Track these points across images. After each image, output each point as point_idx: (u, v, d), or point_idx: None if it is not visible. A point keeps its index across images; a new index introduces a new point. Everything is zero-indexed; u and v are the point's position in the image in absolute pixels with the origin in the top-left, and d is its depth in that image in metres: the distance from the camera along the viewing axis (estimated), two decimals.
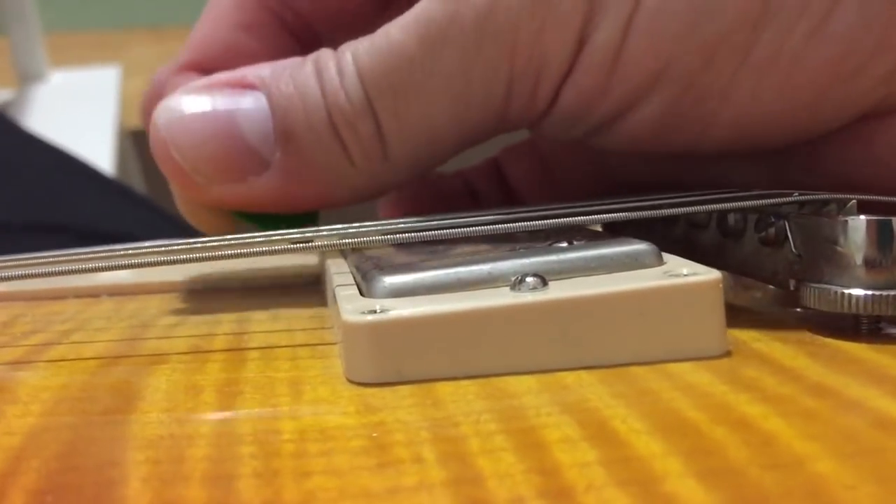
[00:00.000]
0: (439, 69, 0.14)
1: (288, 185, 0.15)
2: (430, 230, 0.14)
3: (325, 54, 0.15)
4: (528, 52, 0.14)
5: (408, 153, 0.15)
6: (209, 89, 0.16)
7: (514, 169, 0.22)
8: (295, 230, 0.15)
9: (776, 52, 0.14)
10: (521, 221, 0.13)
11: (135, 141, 0.77)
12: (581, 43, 0.14)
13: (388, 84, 0.14)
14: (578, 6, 0.14)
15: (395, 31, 0.14)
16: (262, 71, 0.16)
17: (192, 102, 0.16)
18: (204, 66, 0.18)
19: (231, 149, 0.15)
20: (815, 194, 0.13)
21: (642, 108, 0.15)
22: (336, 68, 0.15)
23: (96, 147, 0.64)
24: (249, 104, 0.15)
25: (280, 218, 0.16)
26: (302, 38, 0.19)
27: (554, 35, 0.14)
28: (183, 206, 0.17)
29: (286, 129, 0.15)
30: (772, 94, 0.14)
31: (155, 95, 0.18)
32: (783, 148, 0.16)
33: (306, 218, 0.17)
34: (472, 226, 0.14)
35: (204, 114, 0.15)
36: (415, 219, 0.15)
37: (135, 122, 0.79)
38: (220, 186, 0.16)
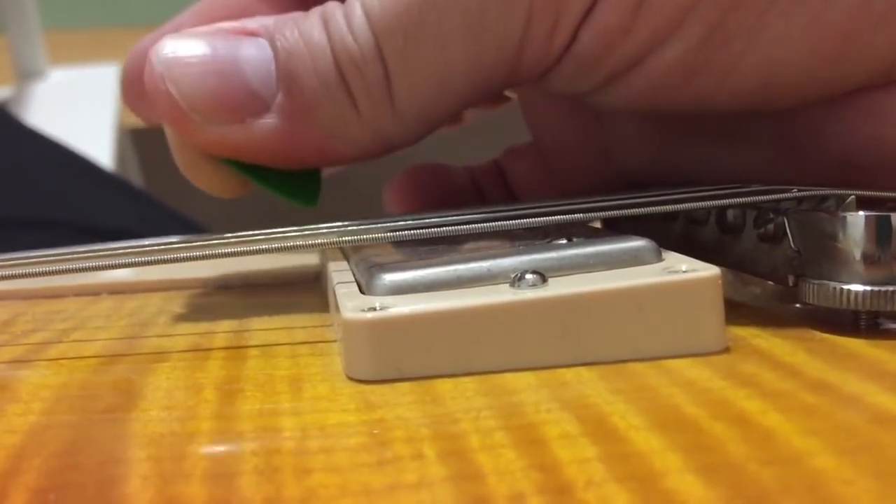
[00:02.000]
0: (452, 8, 0.14)
1: (288, 131, 0.15)
2: (430, 227, 0.14)
3: (331, 5, 0.15)
4: None
5: (416, 102, 0.15)
6: (211, 34, 0.15)
7: (515, 170, 0.22)
8: (294, 228, 0.15)
9: None
10: (520, 218, 0.13)
11: (134, 139, 0.77)
12: None
13: (399, 25, 0.14)
14: None
15: None
16: (264, 20, 0.15)
17: (193, 43, 0.15)
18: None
19: (231, 87, 0.15)
20: (814, 190, 0.13)
21: (664, 51, 0.14)
22: (343, 15, 0.14)
23: (95, 145, 0.63)
24: (251, 49, 0.15)
25: (279, 173, 0.16)
26: (311, 3, 0.18)
27: None
28: (178, 154, 0.16)
29: (289, 72, 0.15)
30: (799, 36, 0.14)
31: (137, 63, 0.17)
32: (781, 119, 0.15)
33: (305, 179, 0.16)
34: (471, 223, 0.14)
35: (204, 53, 0.15)
36: (414, 216, 0.15)
37: (134, 120, 0.79)
38: (217, 127, 0.15)
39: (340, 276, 0.14)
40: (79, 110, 0.73)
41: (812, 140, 0.16)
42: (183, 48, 0.15)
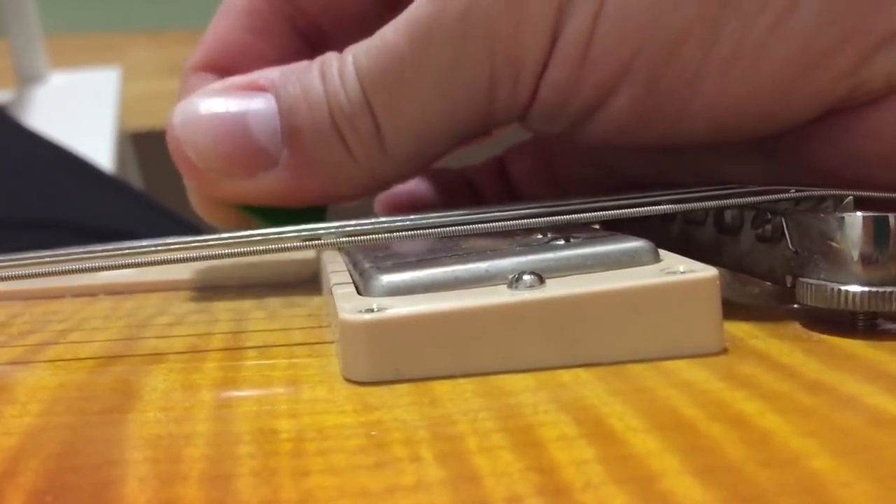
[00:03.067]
0: (427, 68, 0.15)
1: (294, 181, 0.17)
2: (427, 228, 0.14)
3: (329, 57, 0.16)
4: (506, 51, 0.15)
5: (405, 148, 0.16)
6: (223, 92, 0.17)
7: (517, 167, 0.22)
8: (292, 228, 0.15)
9: (738, 45, 0.14)
10: (518, 219, 0.13)
11: (134, 142, 0.77)
12: (554, 39, 0.15)
13: (383, 83, 0.15)
14: (550, 4, 0.15)
15: (389, 31, 0.15)
16: (272, 74, 0.17)
17: (207, 104, 0.17)
18: (216, 66, 0.19)
19: (242, 146, 0.16)
20: (811, 190, 0.13)
21: (614, 101, 0.15)
22: (338, 70, 0.16)
23: (95, 149, 0.64)
24: (260, 105, 0.16)
25: (287, 212, 0.17)
26: (312, 39, 0.20)
27: (528, 33, 0.15)
28: (196, 201, 0.18)
29: (292, 128, 0.16)
30: (737, 86, 0.15)
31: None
32: (760, 139, 0.16)
33: (313, 213, 0.18)
34: (468, 223, 0.14)
35: (217, 114, 0.17)
36: (412, 217, 0.15)
37: (134, 123, 0.79)
38: (231, 182, 0.17)
39: (338, 277, 0.14)
40: (79, 114, 0.73)
41: (795, 157, 0.16)
42: (198, 113, 0.17)
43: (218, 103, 0.17)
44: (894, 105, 0.15)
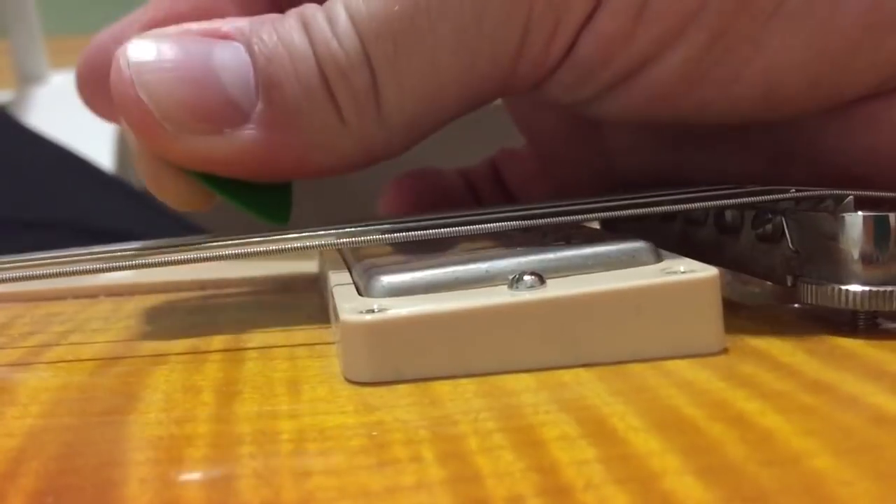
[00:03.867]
0: (449, 13, 0.13)
1: (269, 142, 0.14)
2: (428, 229, 0.14)
3: (310, 7, 0.14)
4: None
5: (404, 113, 0.14)
6: (180, 35, 0.14)
7: (511, 170, 0.22)
8: (293, 231, 0.15)
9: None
10: (518, 220, 0.13)
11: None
12: None
13: (389, 31, 0.13)
14: None
15: None
16: (238, 23, 0.14)
17: (166, 45, 0.14)
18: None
19: (208, 96, 0.14)
20: (811, 190, 0.13)
21: (665, 60, 0.13)
22: (325, 18, 0.14)
23: (96, 148, 0.64)
24: (226, 54, 0.14)
25: (249, 187, 0.15)
26: (283, 7, 0.17)
27: None
28: (144, 165, 0.15)
29: (269, 79, 0.14)
30: (803, 44, 0.13)
31: (96, 59, 0.16)
32: (792, 122, 0.15)
33: (277, 193, 0.15)
34: (469, 224, 0.14)
35: (176, 57, 0.14)
36: (412, 218, 0.15)
37: None
38: (192, 137, 0.14)
39: (338, 277, 0.14)
40: (79, 114, 0.72)
41: (808, 151, 0.16)
42: (155, 51, 0.14)
43: (177, 46, 0.14)
44: None
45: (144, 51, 0.14)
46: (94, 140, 0.66)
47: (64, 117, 0.71)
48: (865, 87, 0.14)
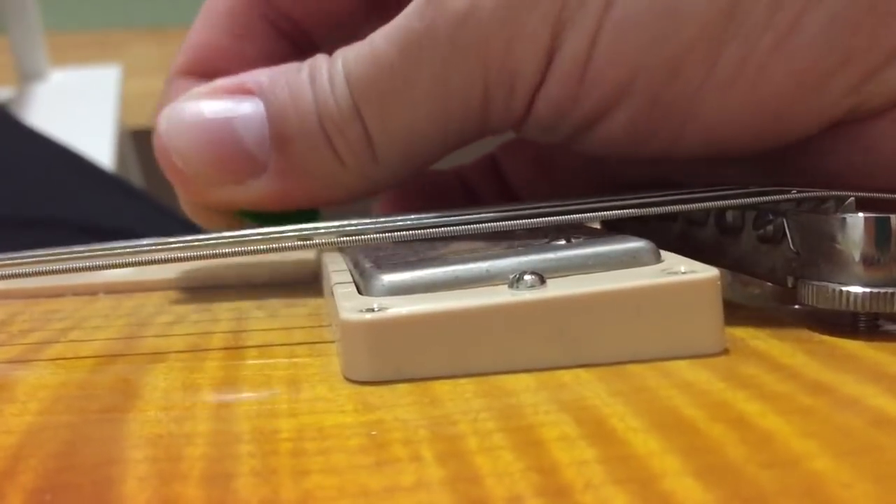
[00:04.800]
0: (418, 77, 0.15)
1: (283, 186, 0.16)
2: (429, 228, 0.14)
3: (319, 60, 0.16)
4: (501, 64, 0.15)
5: (395, 154, 0.16)
6: (209, 95, 0.17)
7: (511, 164, 0.22)
8: (293, 227, 0.15)
9: (740, 65, 0.14)
10: (519, 219, 0.13)
11: (135, 140, 0.77)
12: (550, 56, 0.15)
13: (374, 91, 0.15)
14: (547, 21, 0.14)
15: (379, 40, 0.15)
16: (260, 77, 0.16)
17: (193, 108, 0.16)
18: (200, 70, 0.19)
19: (229, 153, 0.16)
20: (813, 191, 0.13)
21: (612, 118, 0.15)
22: (328, 75, 0.16)
23: (96, 146, 0.64)
24: (247, 109, 0.16)
25: (281, 215, 0.17)
26: (297, 40, 0.20)
27: (524, 48, 0.14)
28: (187, 207, 0.18)
29: (281, 134, 0.16)
30: (738, 105, 0.14)
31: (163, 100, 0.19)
32: (759, 154, 0.16)
33: (306, 214, 0.17)
34: (470, 223, 0.14)
35: (203, 119, 0.16)
36: (413, 217, 0.15)
37: (135, 121, 0.79)
38: (219, 189, 0.16)
39: (339, 276, 0.14)
40: (80, 111, 0.73)
41: (795, 167, 0.16)
42: (182, 117, 0.16)
43: (204, 107, 0.16)
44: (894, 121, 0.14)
45: (174, 117, 0.16)
46: (94, 138, 0.66)
47: (64, 114, 0.71)
48: (816, 128, 0.15)
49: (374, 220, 0.15)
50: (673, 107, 0.15)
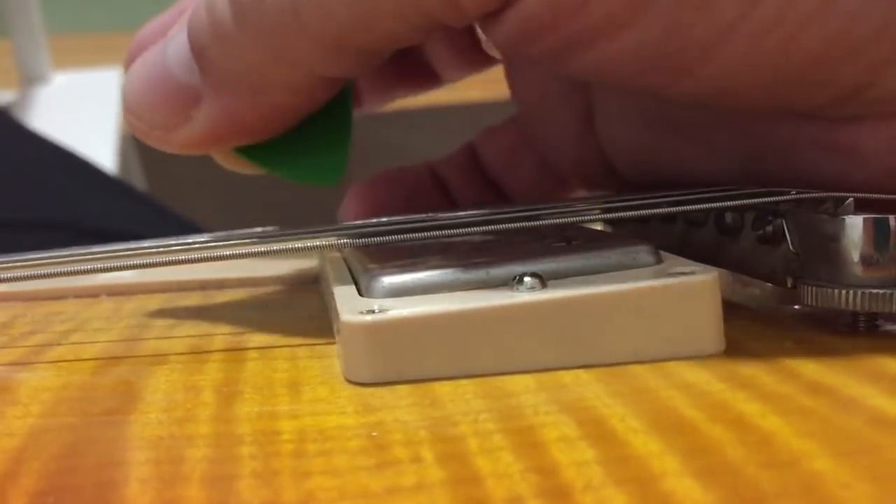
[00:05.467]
0: None
1: (224, 108, 0.14)
2: (429, 230, 0.14)
3: None
4: None
5: (329, 24, 0.13)
6: (151, 48, 0.15)
7: (490, 148, 0.21)
8: (294, 231, 0.15)
9: (783, 13, 0.12)
10: (518, 221, 0.13)
11: (137, 143, 0.77)
12: None
13: None
14: None
15: None
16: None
17: (136, 65, 0.15)
18: None
19: (163, 91, 0.14)
20: (812, 192, 0.13)
21: (618, 38, 0.13)
22: None
23: (98, 149, 0.64)
24: (176, 42, 0.14)
25: (293, 154, 0.15)
26: None
27: None
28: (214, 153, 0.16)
29: (196, 45, 0.14)
30: (762, 58, 0.13)
31: (134, 55, 0.17)
32: (756, 146, 0.15)
33: (323, 153, 0.15)
34: (469, 225, 0.14)
35: (140, 66, 0.15)
36: (413, 218, 0.15)
37: None
38: (175, 132, 0.15)
39: (339, 278, 0.14)
40: (82, 114, 0.73)
41: (775, 171, 0.16)
42: (131, 74, 0.15)
43: (143, 59, 0.15)
44: (881, 128, 0.14)
45: (127, 76, 0.15)
46: (96, 140, 0.66)
47: (66, 118, 0.72)
48: (823, 102, 0.14)
49: (374, 223, 0.15)
50: (693, 42, 0.13)
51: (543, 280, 0.12)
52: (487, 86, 0.15)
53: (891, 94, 0.14)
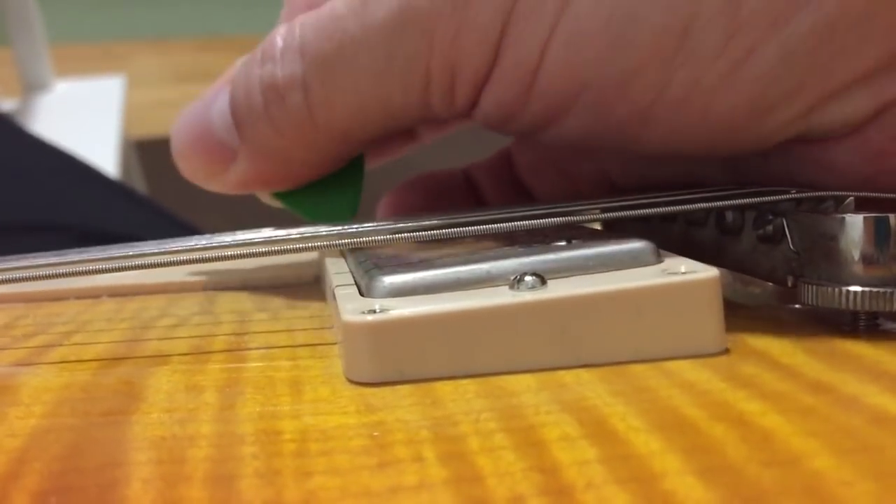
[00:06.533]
0: (367, 46, 0.15)
1: (254, 168, 0.17)
2: (430, 230, 0.14)
3: (278, 30, 0.16)
4: (446, 51, 0.14)
5: (336, 125, 0.16)
6: (201, 96, 0.17)
7: (523, 158, 0.22)
8: (295, 231, 0.15)
9: (691, 88, 0.14)
10: (519, 220, 0.13)
11: (138, 150, 0.77)
12: (497, 55, 0.14)
13: (323, 54, 0.15)
14: (498, 15, 0.14)
15: (339, 2, 0.15)
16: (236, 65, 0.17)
17: (184, 111, 0.17)
18: None
19: (204, 144, 0.17)
20: (812, 191, 0.13)
21: (562, 125, 0.15)
22: (282, 44, 0.16)
23: (100, 157, 0.64)
24: (221, 100, 0.17)
25: (309, 197, 0.17)
26: None
27: (471, 39, 0.14)
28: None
29: (235, 114, 0.16)
30: (688, 124, 0.14)
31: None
32: (722, 159, 0.16)
33: (340, 196, 0.18)
34: (471, 225, 0.14)
35: (188, 117, 0.17)
36: (414, 218, 0.15)
37: (139, 131, 0.80)
38: (213, 178, 0.17)
39: (340, 278, 0.14)
40: (84, 122, 0.73)
41: (755, 178, 0.16)
42: (177, 121, 0.17)
43: (191, 107, 0.17)
44: (849, 143, 0.14)
45: (177, 123, 0.17)
46: (98, 148, 0.66)
47: (68, 125, 0.72)
48: (766, 147, 0.15)
49: (375, 223, 0.15)
50: (622, 121, 0.15)
51: (544, 279, 0.12)
52: None
53: (837, 125, 0.14)
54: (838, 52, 0.13)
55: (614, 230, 0.17)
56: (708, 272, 0.12)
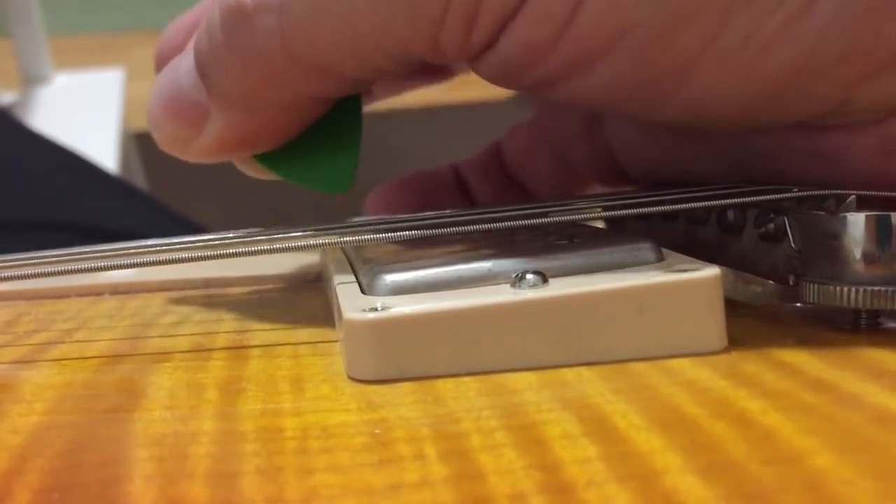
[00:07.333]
0: None
1: (230, 123, 0.15)
2: (431, 228, 0.14)
3: None
4: None
5: (316, 56, 0.13)
6: (169, 65, 0.16)
7: (513, 142, 0.21)
8: (296, 229, 0.15)
9: (745, 40, 0.13)
10: (521, 219, 0.13)
11: (138, 143, 0.77)
12: None
13: None
14: None
15: None
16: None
17: (157, 80, 0.16)
18: None
19: (176, 106, 0.15)
20: (813, 190, 0.13)
21: (591, 75, 0.13)
22: None
23: (100, 149, 0.64)
24: (186, 62, 0.15)
25: (301, 161, 0.15)
26: None
27: None
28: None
29: (199, 66, 0.15)
30: (732, 82, 0.13)
31: (160, 60, 0.18)
32: (732, 138, 0.15)
33: (333, 161, 0.15)
34: (472, 223, 0.14)
35: (157, 85, 0.16)
36: (415, 217, 0.15)
37: (138, 124, 0.80)
38: (191, 144, 0.16)
39: (342, 276, 0.14)
40: (83, 114, 0.73)
41: (762, 176, 0.16)
42: (154, 86, 0.16)
43: (160, 77, 0.16)
44: (867, 134, 0.14)
45: (151, 91, 0.16)
46: (97, 140, 0.66)
47: (68, 118, 0.72)
48: (799, 117, 0.14)
49: (376, 221, 0.15)
50: (662, 73, 0.13)
51: (546, 277, 0.12)
52: (487, 85, 0.16)
53: (869, 107, 0.14)
54: (890, 17, 0.13)
55: (616, 228, 0.17)
56: (709, 270, 0.12)
